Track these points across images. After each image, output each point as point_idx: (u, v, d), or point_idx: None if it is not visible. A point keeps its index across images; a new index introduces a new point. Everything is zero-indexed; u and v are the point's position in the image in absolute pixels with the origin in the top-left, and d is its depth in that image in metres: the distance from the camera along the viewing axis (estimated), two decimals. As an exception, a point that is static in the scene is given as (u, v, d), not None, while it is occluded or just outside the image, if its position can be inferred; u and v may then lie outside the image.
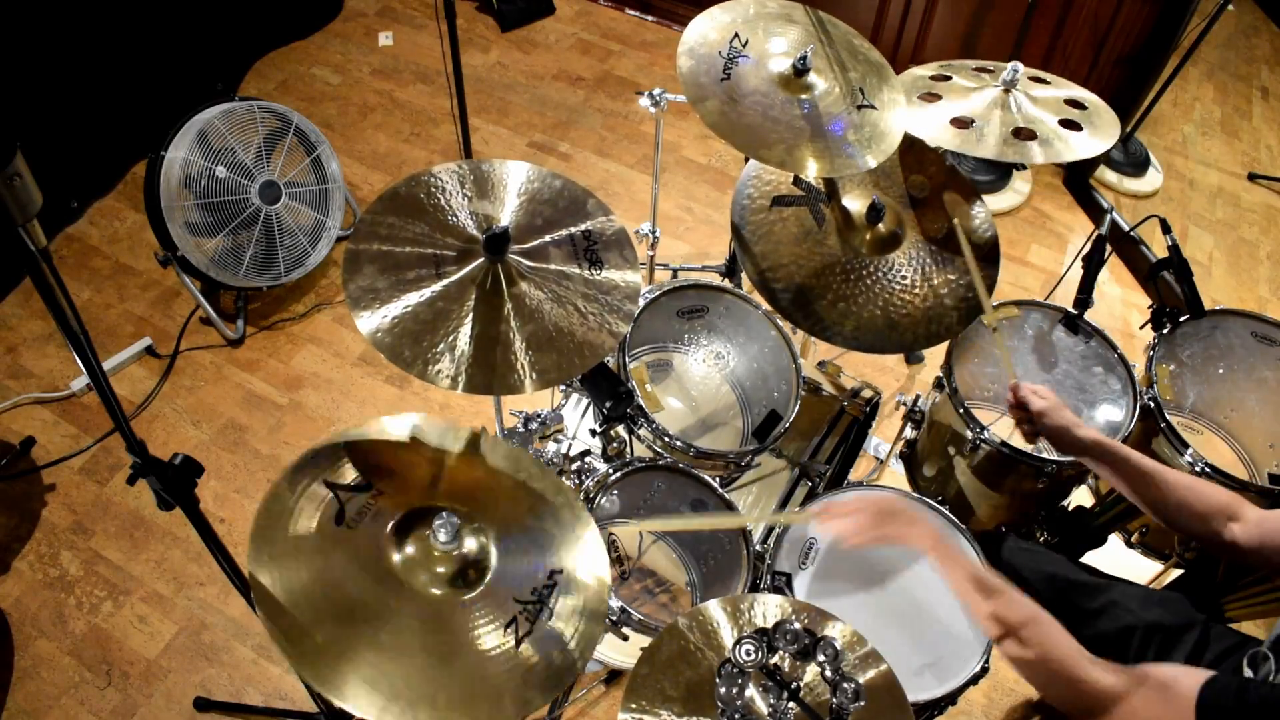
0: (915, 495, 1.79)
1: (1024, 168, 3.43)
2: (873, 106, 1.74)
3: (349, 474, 1.34)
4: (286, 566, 1.23)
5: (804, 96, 1.73)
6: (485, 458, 1.44)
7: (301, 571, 1.23)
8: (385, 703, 1.14)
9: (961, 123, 1.86)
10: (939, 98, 1.91)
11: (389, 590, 1.24)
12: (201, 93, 2.71)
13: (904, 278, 1.85)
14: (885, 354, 1.89)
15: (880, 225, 1.86)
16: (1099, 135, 1.84)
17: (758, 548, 1.74)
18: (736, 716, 1.18)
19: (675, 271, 2.74)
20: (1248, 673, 1.36)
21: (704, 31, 1.77)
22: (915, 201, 1.94)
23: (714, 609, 1.29)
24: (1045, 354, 2.17)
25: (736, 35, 1.77)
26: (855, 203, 1.90)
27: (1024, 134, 1.82)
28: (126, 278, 3.00)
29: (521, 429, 1.87)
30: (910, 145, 1.87)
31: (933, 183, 1.96)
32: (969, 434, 1.92)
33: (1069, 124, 1.85)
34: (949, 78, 1.96)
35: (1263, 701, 1.07)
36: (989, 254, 1.90)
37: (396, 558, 1.27)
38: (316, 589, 1.22)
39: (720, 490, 1.79)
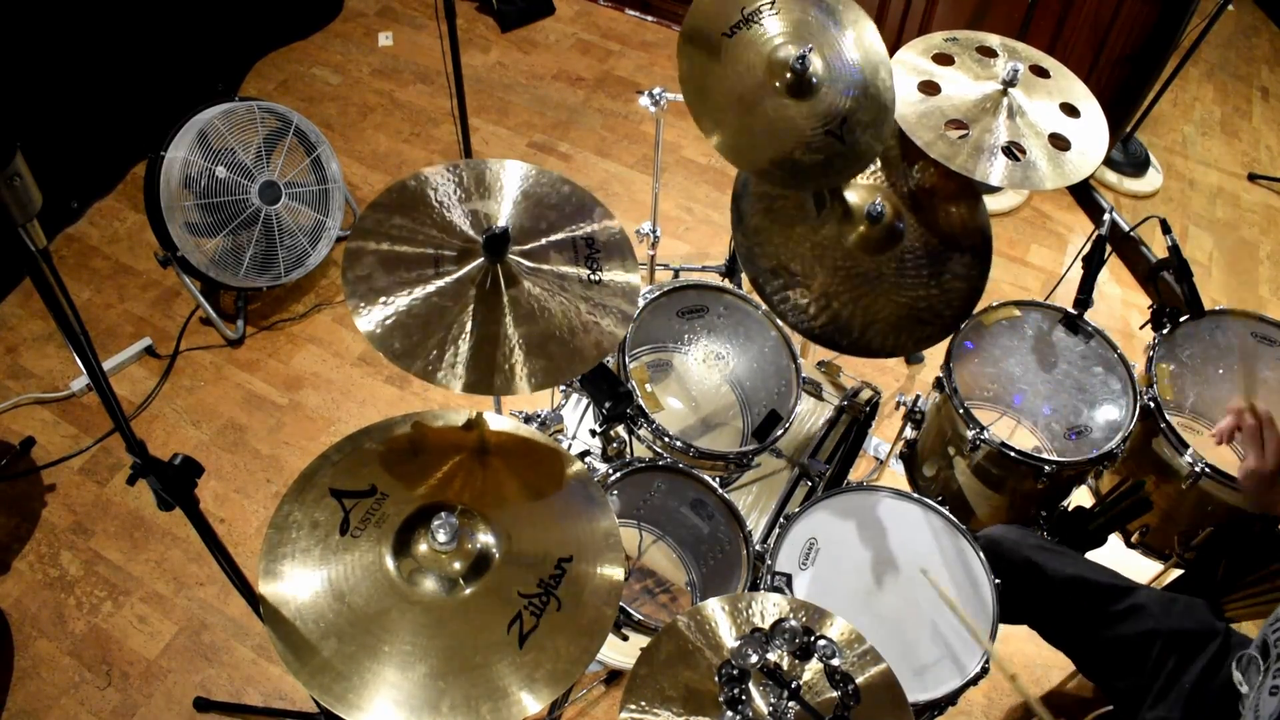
0: (915, 495, 1.79)
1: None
2: (841, 140, 1.73)
3: (354, 480, 1.35)
4: (294, 582, 1.25)
5: (785, 98, 1.74)
6: (490, 447, 1.45)
7: (308, 587, 1.24)
8: (390, 712, 1.15)
9: (957, 125, 1.86)
10: (938, 90, 1.91)
11: (391, 598, 1.24)
12: (201, 93, 2.71)
13: (890, 283, 1.85)
14: (847, 354, 1.91)
15: (878, 226, 1.86)
16: (1085, 161, 1.85)
17: (758, 548, 1.75)
18: (736, 716, 1.18)
19: (676, 271, 2.74)
20: (1238, 677, 1.36)
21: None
22: (918, 205, 1.93)
23: (713, 608, 1.29)
24: (1045, 354, 2.17)
25: (772, 3, 1.78)
26: (857, 197, 1.90)
27: (1013, 151, 1.83)
28: (126, 278, 3.00)
29: (521, 429, 1.87)
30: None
31: (934, 179, 1.96)
32: (969, 434, 1.92)
33: (1058, 139, 1.86)
34: (953, 60, 1.96)
35: None
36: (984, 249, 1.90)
37: (399, 563, 1.28)
38: (323, 603, 1.23)
39: (720, 490, 1.79)
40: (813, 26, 1.80)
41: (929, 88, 1.92)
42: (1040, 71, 1.99)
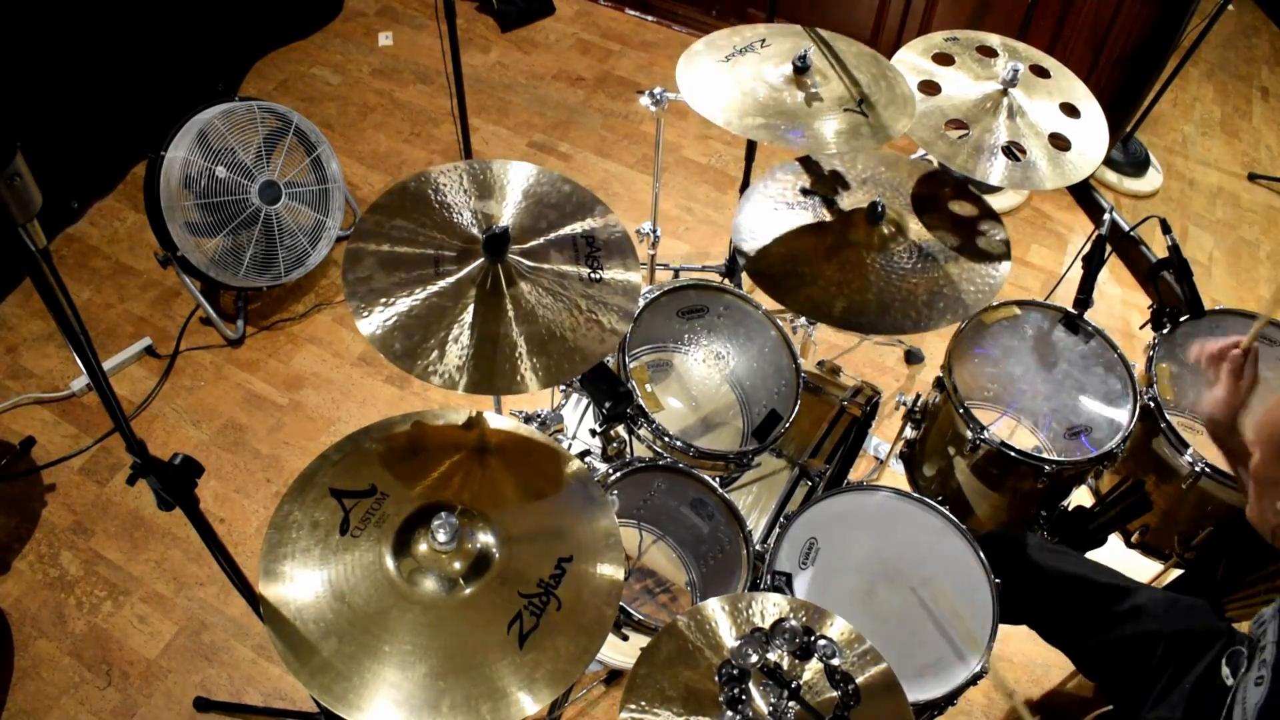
0: (915, 495, 1.79)
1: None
2: (863, 114, 1.75)
3: (354, 479, 1.35)
4: (294, 582, 1.25)
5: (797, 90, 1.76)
6: (490, 446, 1.45)
7: (308, 587, 1.24)
8: (390, 712, 1.15)
9: (957, 125, 1.86)
10: (938, 90, 1.91)
11: (391, 598, 1.25)
12: (201, 93, 2.71)
13: (903, 269, 1.84)
14: (875, 334, 1.89)
15: (880, 226, 1.86)
16: (1085, 161, 1.86)
17: (758, 547, 1.75)
18: (736, 716, 1.18)
19: (676, 271, 2.74)
20: (1225, 672, 1.37)
21: (739, 32, 1.93)
22: (918, 205, 1.93)
23: (713, 608, 1.29)
24: (1045, 354, 2.17)
25: (764, 40, 1.87)
26: (856, 200, 1.90)
27: (1013, 151, 1.83)
28: (126, 278, 3.00)
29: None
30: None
31: (936, 187, 1.96)
32: (969, 434, 1.92)
33: (1058, 139, 1.86)
34: (953, 60, 1.96)
35: None
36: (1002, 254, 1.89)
37: (399, 563, 1.28)
38: (323, 603, 1.23)
39: (720, 490, 1.79)
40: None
41: (929, 87, 1.92)
42: (1040, 71, 2.00)
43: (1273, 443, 1.15)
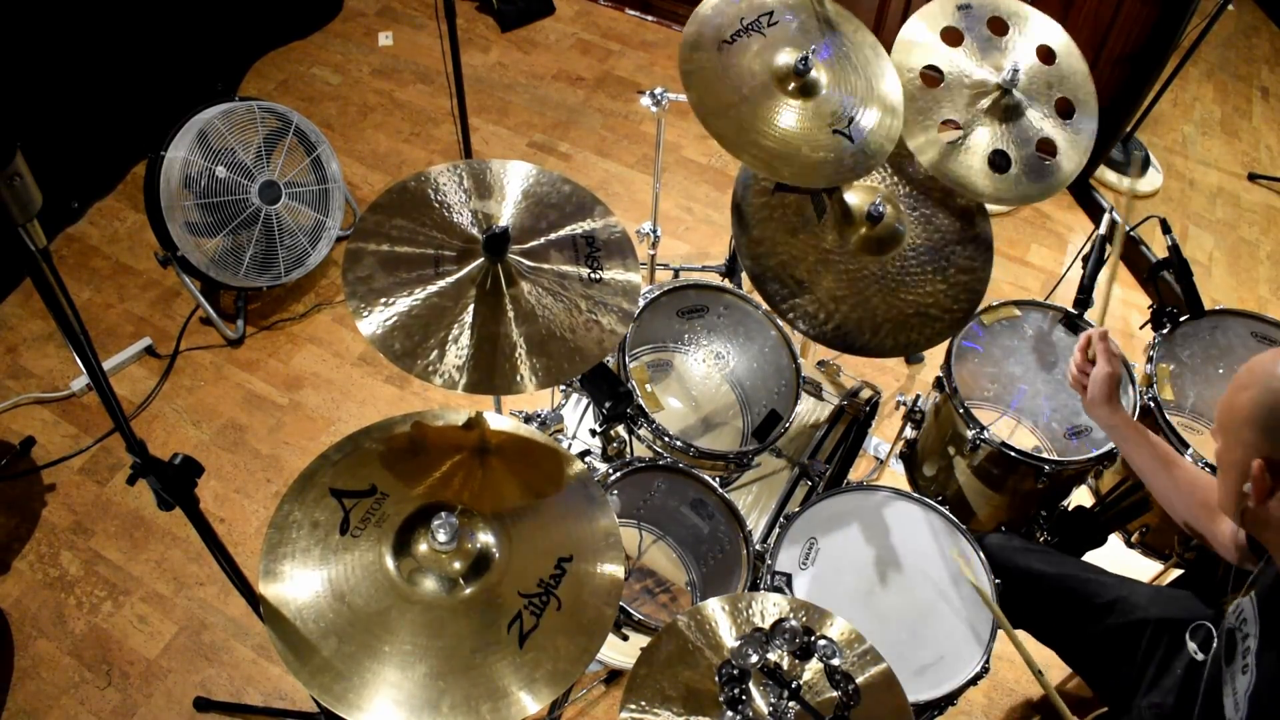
0: (915, 495, 1.79)
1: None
2: (849, 138, 1.73)
3: (354, 479, 1.35)
4: (294, 582, 1.25)
5: (790, 98, 1.74)
6: (490, 446, 1.45)
7: (308, 586, 1.24)
8: (390, 712, 1.15)
9: (951, 124, 1.86)
10: (940, 80, 1.90)
11: (391, 598, 1.25)
12: (201, 93, 2.71)
13: (896, 282, 1.85)
14: (861, 356, 1.89)
15: (879, 226, 1.86)
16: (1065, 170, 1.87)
17: (758, 547, 1.75)
18: (736, 716, 1.18)
19: (676, 271, 2.74)
20: (1192, 647, 1.38)
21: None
22: (916, 202, 1.93)
23: (713, 608, 1.29)
24: (1045, 354, 2.17)
25: (772, 13, 1.80)
26: (856, 199, 1.90)
27: (998, 161, 1.83)
28: (126, 278, 3.00)
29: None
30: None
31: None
32: (969, 434, 1.92)
33: (1046, 145, 1.86)
34: (962, 38, 1.94)
35: None
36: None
37: (399, 563, 1.28)
38: (323, 602, 1.23)
39: (720, 490, 1.79)
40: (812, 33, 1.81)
41: (928, 79, 1.90)
42: (1046, 55, 1.98)
43: (1229, 427, 1.22)
